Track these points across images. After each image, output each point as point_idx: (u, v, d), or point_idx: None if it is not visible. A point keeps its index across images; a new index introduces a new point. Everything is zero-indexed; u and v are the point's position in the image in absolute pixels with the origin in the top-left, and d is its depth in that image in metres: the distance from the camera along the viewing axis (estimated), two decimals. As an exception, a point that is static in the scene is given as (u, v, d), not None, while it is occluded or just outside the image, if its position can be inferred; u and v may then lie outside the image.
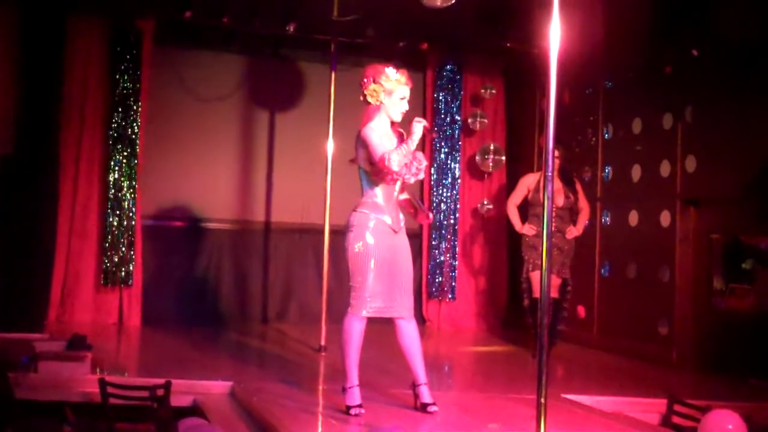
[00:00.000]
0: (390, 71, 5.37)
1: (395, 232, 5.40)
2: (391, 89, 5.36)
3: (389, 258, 5.35)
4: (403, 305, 5.40)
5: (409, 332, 5.42)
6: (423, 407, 5.40)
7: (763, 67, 7.31)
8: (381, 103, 5.38)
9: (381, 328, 5.68)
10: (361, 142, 5.37)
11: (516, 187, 8.52)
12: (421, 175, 5.43)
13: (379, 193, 5.40)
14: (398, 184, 5.43)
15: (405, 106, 5.42)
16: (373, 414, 5.33)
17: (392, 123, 5.46)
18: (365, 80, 5.40)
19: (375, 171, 5.34)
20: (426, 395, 5.43)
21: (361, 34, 9.20)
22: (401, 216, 5.49)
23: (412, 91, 5.46)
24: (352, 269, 5.37)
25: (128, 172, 9.20)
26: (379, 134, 5.34)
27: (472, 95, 10.44)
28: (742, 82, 7.54)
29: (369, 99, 5.39)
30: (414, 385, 5.47)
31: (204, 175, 9.85)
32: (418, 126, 5.29)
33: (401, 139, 5.42)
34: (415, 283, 10.13)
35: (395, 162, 5.19)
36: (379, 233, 5.35)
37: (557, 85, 4.58)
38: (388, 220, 5.38)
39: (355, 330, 5.35)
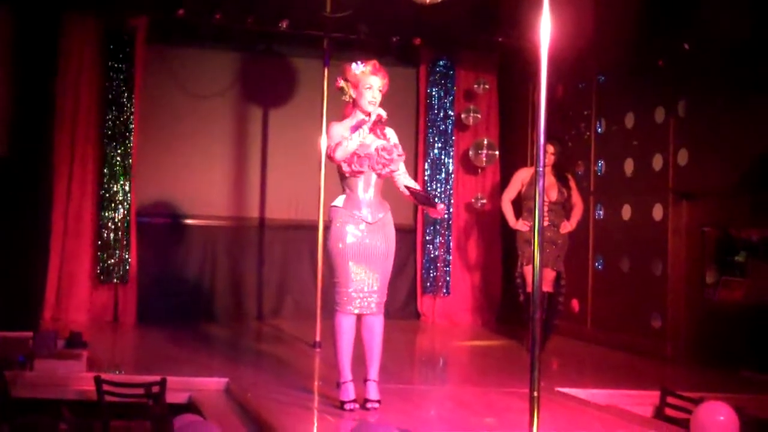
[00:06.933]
0: (354, 65, 5.41)
1: (369, 224, 5.33)
2: (356, 81, 5.38)
3: (364, 253, 5.32)
4: (374, 300, 5.35)
5: (373, 327, 5.38)
6: (364, 402, 5.36)
7: (755, 61, 7.33)
8: (352, 98, 5.43)
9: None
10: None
11: (510, 182, 8.51)
12: (394, 167, 5.37)
13: (352, 186, 5.38)
14: (373, 176, 5.36)
15: (372, 95, 5.35)
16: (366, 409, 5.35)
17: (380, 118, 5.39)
18: (337, 81, 5.47)
19: (336, 164, 5.37)
20: (371, 392, 5.37)
21: (354, 30, 9.22)
22: (380, 209, 5.40)
23: (403, 85, 5.46)
24: (333, 265, 5.37)
25: (122, 169, 9.20)
26: (344, 128, 5.34)
27: (465, 90, 10.44)
28: (734, 76, 7.56)
29: (343, 97, 5.48)
30: (364, 380, 5.41)
31: (198, 171, 9.86)
32: (374, 115, 5.29)
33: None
34: (409, 279, 10.39)
35: (338, 153, 5.24)
36: (353, 227, 5.32)
37: (550, 79, 4.59)
38: (360, 213, 5.34)
39: (345, 327, 5.34)
